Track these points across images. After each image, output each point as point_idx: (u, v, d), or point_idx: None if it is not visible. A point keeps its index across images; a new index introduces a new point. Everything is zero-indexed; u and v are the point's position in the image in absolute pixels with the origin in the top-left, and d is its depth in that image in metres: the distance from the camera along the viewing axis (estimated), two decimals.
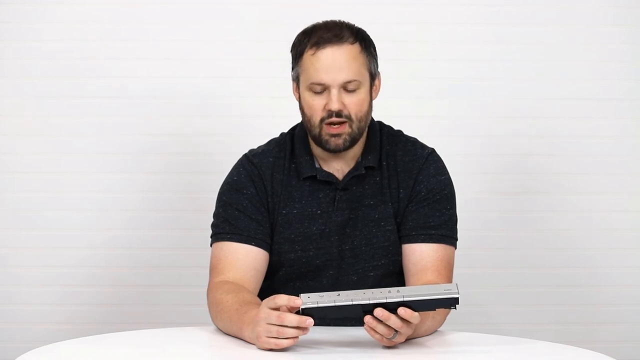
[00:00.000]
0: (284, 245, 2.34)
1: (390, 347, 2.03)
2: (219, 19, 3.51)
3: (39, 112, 3.49)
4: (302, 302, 1.98)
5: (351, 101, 2.27)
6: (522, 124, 3.54)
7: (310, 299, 1.97)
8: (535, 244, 3.54)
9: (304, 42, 2.29)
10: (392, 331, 1.99)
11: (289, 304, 1.98)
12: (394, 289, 1.98)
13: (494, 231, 3.54)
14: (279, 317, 1.97)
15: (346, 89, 2.26)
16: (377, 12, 3.49)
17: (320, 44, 2.26)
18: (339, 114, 2.26)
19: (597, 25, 3.54)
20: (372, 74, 2.32)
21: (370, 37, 2.32)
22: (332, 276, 2.34)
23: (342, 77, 2.25)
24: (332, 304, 1.96)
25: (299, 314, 1.97)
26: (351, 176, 2.34)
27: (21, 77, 3.49)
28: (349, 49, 2.27)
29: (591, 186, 3.54)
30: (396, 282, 2.35)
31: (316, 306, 1.96)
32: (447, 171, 2.39)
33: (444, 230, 2.33)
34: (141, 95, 3.50)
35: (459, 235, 2.38)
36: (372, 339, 2.02)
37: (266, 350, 2.00)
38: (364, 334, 2.03)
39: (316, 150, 2.36)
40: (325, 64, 2.25)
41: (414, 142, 2.41)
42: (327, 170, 2.35)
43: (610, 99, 3.54)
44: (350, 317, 1.99)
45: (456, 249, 2.36)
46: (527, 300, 3.54)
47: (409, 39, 3.51)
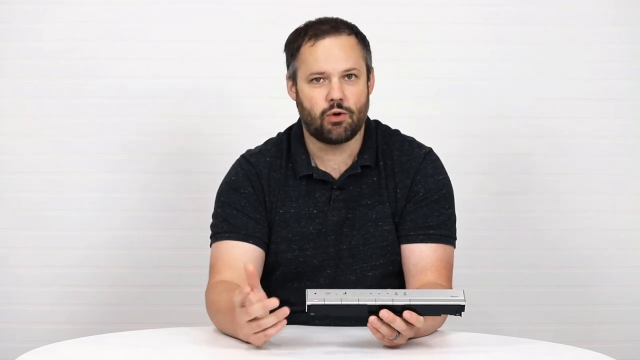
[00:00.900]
0: (281, 244, 2.34)
1: (390, 347, 2.03)
2: (219, 19, 3.51)
3: (39, 112, 3.49)
4: (248, 290, 1.96)
5: (351, 91, 2.28)
6: (522, 124, 3.54)
7: (316, 296, 1.96)
8: (535, 244, 3.54)
9: (300, 37, 2.31)
10: (395, 332, 1.99)
11: (243, 294, 1.96)
12: (401, 291, 1.97)
13: (494, 231, 3.54)
14: (247, 311, 1.96)
15: (346, 78, 2.27)
16: (377, 12, 3.49)
17: (318, 35, 2.28)
18: (340, 105, 2.26)
19: (597, 25, 3.54)
20: (368, 68, 2.34)
21: (363, 33, 2.35)
22: (329, 276, 2.34)
23: (342, 65, 2.27)
24: (339, 303, 1.96)
25: (307, 310, 1.97)
26: (347, 175, 2.34)
27: (21, 77, 3.49)
28: (346, 39, 2.29)
29: (591, 186, 3.54)
30: (395, 282, 2.35)
31: (322, 304, 1.96)
32: (444, 170, 2.39)
33: (443, 230, 2.33)
34: (141, 95, 3.50)
35: (459, 235, 2.38)
36: (372, 339, 2.02)
37: (263, 344, 2.00)
38: (365, 334, 2.03)
39: (312, 148, 2.36)
40: (325, 53, 2.27)
41: (410, 142, 2.41)
42: (324, 169, 2.35)
43: (610, 99, 3.54)
44: (354, 316, 1.99)
45: (455, 248, 2.36)
46: (527, 300, 3.54)
47: (409, 39, 3.51)
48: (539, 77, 3.54)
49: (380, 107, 2.49)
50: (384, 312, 1.96)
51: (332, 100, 2.27)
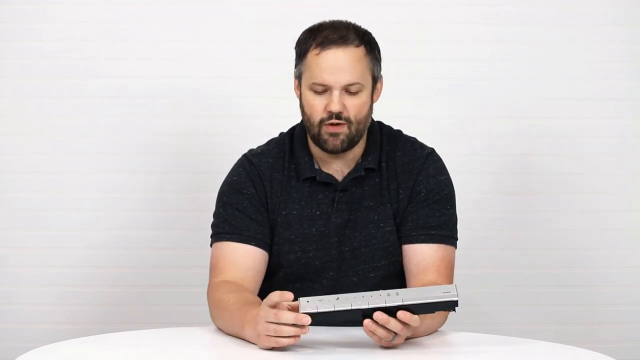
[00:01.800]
0: (284, 246, 2.34)
1: (389, 347, 2.03)
2: (219, 19, 3.51)
3: (39, 112, 3.49)
4: (293, 296, 1.98)
5: (352, 104, 2.26)
6: (522, 124, 3.54)
7: (309, 304, 1.97)
8: (535, 244, 3.54)
9: (309, 40, 2.28)
10: (392, 334, 1.98)
11: (282, 299, 1.98)
12: (393, 291, 1.98)
13: (494, 231, 3.54)
14: (276, 314, 1.97)
15: (348, 91, 2.26)
16: (377, 12, 3.49)
17: (325, 44, 2.26)
18: (338, 116, 2.26)
19: (597, 25, 3.54)
20: (375, 78, 2.31)
21: (375, 40, 2.32)
22: (331, 277, 2.34)
23: (345, 79, 2.25)
24: (332, 309, 1.96)
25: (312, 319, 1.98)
26: (350, 177, 2.34)
27: (21, 77, 3.49)
28: (353, 52, 2.26)
29: (591, 186, 3.54)
30: (397, 283, 2.35)
31: (315, 311, 1.96)
32: (446, 171, 2.39)
33: (444, 230, 2.33)
34: (141, 95, 3.50)
35: (459, 235, 2.38)
36: (370, 340, 2.02)
37: (267, 349, 2.00)
38: (364, 334, 2.03)
39: (315, 151, 2.35)
40: (328, 65, 2.25)
41: (413, 142, 2.41)
42: (327, 171, 2.35)
43: (610, 99, 3.54)
44: (349, 320, 1.99)
45: (456, 248, 2.36)
46: (527, 300, 3.54)
47: (409, 39, 3.51)
48: (539, 77, 3.54)
49: (380, 107, 2.49)
50: (378, 314, 1.96)
51: (330, 112, 2.26)
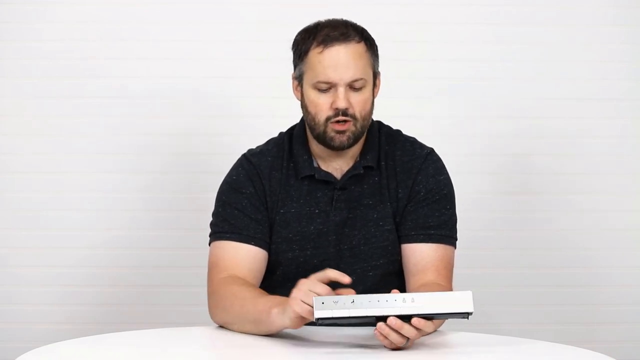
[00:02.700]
0: (282, 244, 2.34)
1: (394, 349, 2.02)
2: (219, 19, 3.51)
3: (39, 112, 3.49)
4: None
5: (357, 100, 2.27)
6: (522, 124, 3.54)
7: (324, 305, 1.96)
8: (535, 244, 3.54)
9: (309, 40, 2.29)
10: (405, 339, 1.98)
11: (333, 277, 2.03)
12: (409, 296, 1.97)
13: (494, 231, 3.54)
14: (323, 286, 2.01)
15: (352, 87, 2.27)
16: (377, 12, 3.49)
17: (327, 42, 2.26)
18: (345, 113, 2.26)
19: (597, 25, 3.54)
20: (375, 73, 2.33)
21: (372, 36, 2.33)
22: None
23: (350, 75, 2.25)
24: (347, 315, 1.96)
25: (315, 323, 1.97)
26: (349, 175, 2.34)
27: (21, 77, 3.49)
28: (355, 48, 2.27)
29: (591, 186, 3.55)
30: (395, 281, 2.35)
31: (331, 316, 1.96)
32: (446, 171, 2.39)
33: (444, 230, 2.33)
34: (141, 95, 3.50)
35: (459, 235, 2.38)
36: (371, 338, 2.02)
37: (298, 315, 2.01)
38: (364, 334, 2.03)
39: (315, 149, 2.36)
40: (333, 62, 2.25)
41: (412, 142, 2.41)
42: (326, 169, 2.35)
43: (610, 99, 3.54)
44: (361, 323, 2.00)
45: (456, 248, 2.36)
46: (527, 300, 3.54)
47: (409, 39, 3.51)
48: (539, 77, 3.54)
49: (380, 107, 2.49)
50: (392, 320, 1.95)
51: (337, 109, 2.26)
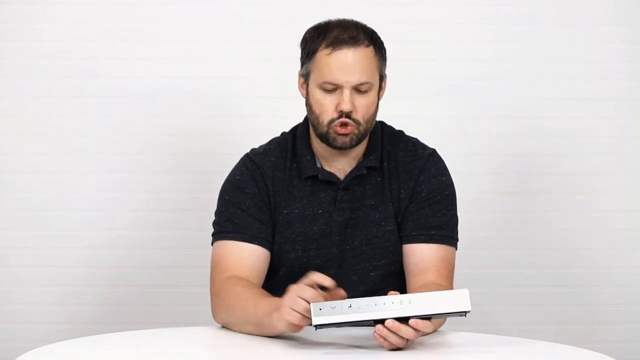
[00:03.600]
0: (285, 244, 2.35)
1: (395, 350, 2.03)
2: (219, 19, 3.51)
3: (39, 112, 3.49)
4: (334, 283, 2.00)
5: (361, 103, 2.27)
6: (522, 124, 3.54)
7: (322, 312, 1.97)
8: (535, 244, 3.54)
9: (318, 40, 2.29)
10: (404, 340, 1.99)
11: (319, 282, 2.03)
12: (406, 298, 1.97)
13: (494, 231, 3.54)
14: (310, 292, 2.01)
15: (358, 90, 2.27)
16: (377, 12, 3.48)
17: (336, 44, 2.26)
18: (348, 115, 2.26)
19: (597, 25, 3.54)
20: (382, 77, 2.33)
21: (381, 39, 2.33)
22: (332, 276, 2.33)
23: (356, 78, 2.26)
24: (345, 321, 1.97)
25: (315, 329, 1.98)
26: (352, 176, 2.35)
27: (21, 77, 3.49)
28: (364, 52, 2.27)
29: (591, 186, 3.54)
30: (397, 282, 2.35)
31: (329, 322, 1.97)
32: (448, 172, 2.39)
33: (445, 231, 2.33)
34: (141, 95, 3.50)
35: (459, 235, 2.38)
36: (371, 338, 2.02)
37: (290, 322, 2.02)
38: (364, 334, 2.03)
39: (318, 149, 2.36)
40: (341, 64, 2.25)
41: (415, 143, 2.41)
42: (329, 170, 2.36)
43: (610, 99, 3.54)
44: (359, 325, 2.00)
45: (457, 249, 2.36)
46: (527, 300, 3.54)
47: (409, 39, 3.51)
48: (539, 77, 3.54)
49: (380, 107, 2.49)
50: (389, 322, 1.96)
51: (341, 111, 2.27)
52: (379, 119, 2.43)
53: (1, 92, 3.49)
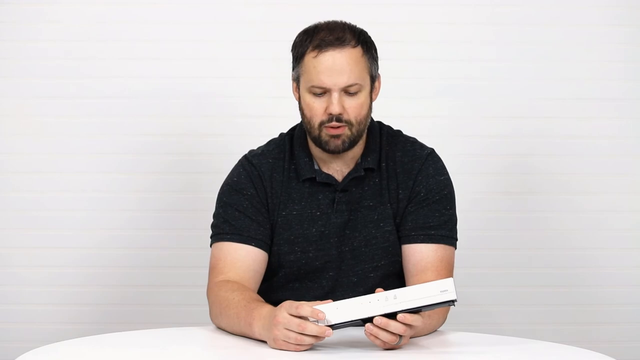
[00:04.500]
0: (284, 246, 2.34)
1: (392, 349, 2.02)
2: (219, 19, 3.51)
3: (39, 112, 3.49)
4: (325, 316, 1.98)
5: (351, 105, 2.26)
6: (522, 124, 3.54)
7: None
8: (535, 244, 3.54)
9: (305, 43, 2.28)
10: (396, 337, 1.99)
11: (312, 316, 1.99)
12: (391, 294, 1.98)
13: (494, 231, 3.54)
14: (300, 325, 1.98)
15: (347, 92, 2.26)
16: (377, 12, 3.49)
17: (322, 46, 2.25)
18: (339, 119, 2.26)
19: (597, 25, 3.54)
20: (373, 77, 2.31)
21: (371, 38, 2.32)
22: (331, 278, 2.34)
23: (344, 81, 2.25)
24: (332, 323, 1.97)
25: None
26: (350, 178, 2.34)
27: (21, 77, 3.49)
28: (350, 53, 2.26)
29: (591, 186, 3.54)
30: (397, 282, 2.35)
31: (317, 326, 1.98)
32: (446, 171, 2.39)
33: (444, 230, 2.33)
34: (141, 95, 3.50)
35: (459, 235, 2.38)
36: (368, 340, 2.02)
37: (276, 346, 2.02)
38: (363, 335, 2.03)
39: (315, 151, 2.36)
40: (326, 67, 2.24)
41: (413, 143, 2.41)
42: (327, 171, 2.35)
43: (610, 99, 3.54)
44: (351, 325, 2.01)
45: (456, 249, 2.36)
46: (527, 300, 3.54)
47: (409, 39, 3.51)
48: (538, 77, 3.54)
49: (380, 107, 2.49)
50: (377, 319, 1.96)
51: (330, 114, 2.26)
52: (377, 118, 2.43)
53: (1, 92, 3.49)
